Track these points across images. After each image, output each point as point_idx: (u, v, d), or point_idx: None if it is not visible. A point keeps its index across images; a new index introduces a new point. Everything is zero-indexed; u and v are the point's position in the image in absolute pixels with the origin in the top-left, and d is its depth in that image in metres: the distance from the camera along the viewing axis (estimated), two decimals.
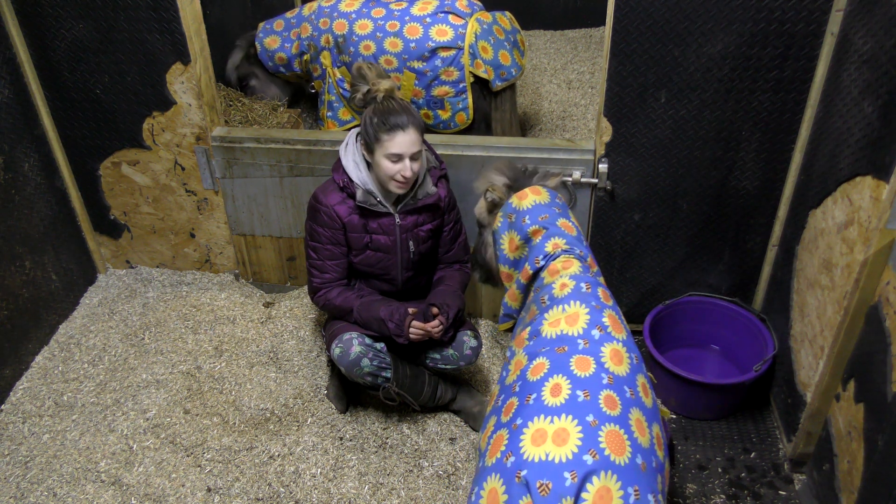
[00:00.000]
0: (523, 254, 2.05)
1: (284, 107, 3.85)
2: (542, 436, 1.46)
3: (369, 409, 2.70)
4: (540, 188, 2.12)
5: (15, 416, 2.67)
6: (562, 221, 2.04)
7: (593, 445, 1.44)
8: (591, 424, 1.48)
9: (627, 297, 2.94)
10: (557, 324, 1.74)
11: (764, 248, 2.70)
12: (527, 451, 1.45)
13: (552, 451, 1.43)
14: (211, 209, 3.10)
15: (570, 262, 1.92)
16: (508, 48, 3.33)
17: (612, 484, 1.41)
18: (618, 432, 1.49)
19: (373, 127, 2.24)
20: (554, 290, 1.85)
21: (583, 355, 1.64)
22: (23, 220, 2.85)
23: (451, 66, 3.24)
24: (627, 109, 2.47)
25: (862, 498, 1.92)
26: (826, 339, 2.17)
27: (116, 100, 2.85)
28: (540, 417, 1.50)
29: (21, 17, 2.70)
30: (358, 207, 2.39)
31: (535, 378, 1.61)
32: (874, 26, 1.95)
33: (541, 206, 2.07)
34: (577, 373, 1.59)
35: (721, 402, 2.63)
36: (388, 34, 3.27)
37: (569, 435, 1.46)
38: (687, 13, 2.25)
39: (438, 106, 3.33)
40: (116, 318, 3.09)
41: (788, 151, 2.47)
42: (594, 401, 1.54)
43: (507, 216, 2.12)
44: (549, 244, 1.97)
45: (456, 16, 3.26)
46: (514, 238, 2.07)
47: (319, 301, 2.53)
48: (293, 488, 2.38)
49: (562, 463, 1.41)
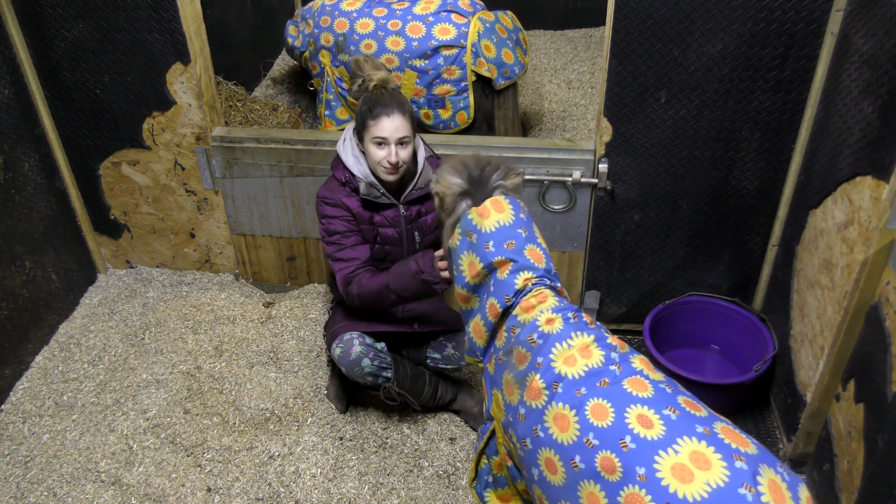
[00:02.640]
0: (486, 282, 1.88)
1: (284, 107, 3.86)
2: (683, 470, 1.35)
3: (369, 409, 2.70)
4: (502, 201, 1.88)
5: (15, 416, 2.67)
6: (529, 249, 1.85)
7: (731, 452, 1.37)
8: (707, 433, 1.40)
9: (627, 297, 2.94)
10: (573, 361, 1.62)
11: (764, 248, 2.70)
12: (686, 491, 1.33)
13: (709, 477, 1.33)
14: (211, 209, 3.10)
15: (544, 295, 1.79)
16: (511, 46, 3.33)
17: (772, 474, 1.37)
18: (727, 427, 1.45)
19: (361, 115, 2.27)
20: (541, 328, 1.72)
21: (630, 377, 1.55)
22: (23, 220, 2.85)
23: (453, 64, 3.24)
24: (627, 109, 2.47)
25: (862, 498, 1.92)
26: (826, 339, 2.17)
27: (116, 100, 2.85)
28: (661, 454, 1.38)
29: (21, 17, 2.70)
30: (362, 200, 2.39)
31: (607, 422, 1.47)
32: (874, 26, 1.95)
33: (505, 228, 1.85)
34: (643, 395, 1.50)
35: (721, 402, 2.63)
36: (389, 33, 3.28)
37: (703, 454, 1.36)
38: (687, 13, 2.25)
39: (439, 105, 3.33)
40: (116, 318, 3.09)
41: (788, 151, 2.47)
42: (684, 412, 1.45)
43: (466, 234, 1.90)
44: (519, 280, 1.80)
45: (459, 14, 3.27)
46: (474, 262, 1.87)
47: (353, 291, 2.39)
48: (293, 488, 2.38)
49: (728, 483, 1.32)
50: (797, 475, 1.43)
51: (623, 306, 2.97)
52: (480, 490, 2.08)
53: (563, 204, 2.76)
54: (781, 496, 1.34)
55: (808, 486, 2.33)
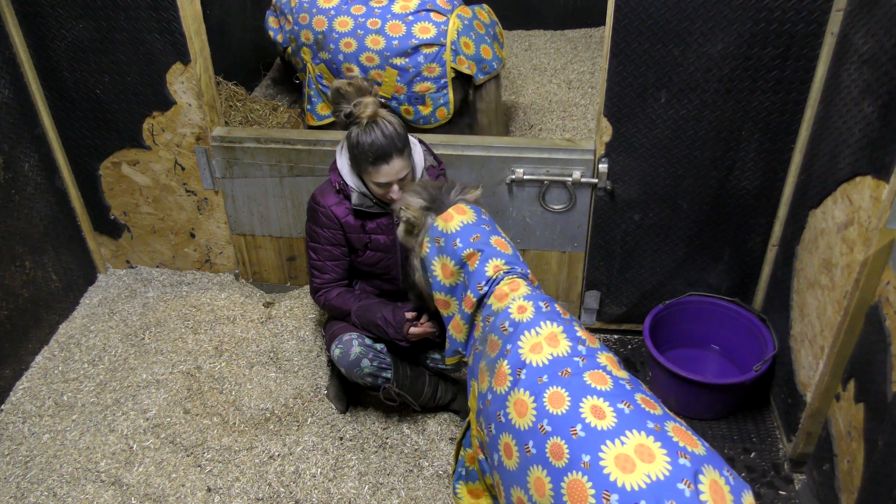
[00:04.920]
0: (460, 279, 1.95)
1: (284, 107, 3.86)
2: (626, 461, 1.38)
3: (369, 409, 2.70)
4: (463, 206, 2.01)
5: (15, 416, 2.67)
6: (495, 240, 1.94)
7: (677, 449, 1.39)
8: (657, 430, 1.42)
9: (627, 297, 2.94)
10: (539, 348, 1.66)
11: (764, 248, 2.70)
12: (626, 480, 1.35)
13: (650, 469, 1.36)
14: (211, 209, 3.10)
15: (517, 283, 1.84)
16: (489, 42, 3.37)
17: (716, 476, 1.38)
18: (678, 427, 1.47)
19: (360, 153, 2.23)
20: (512, 315, 1.75)
21: (592, 370, 1.58)
22: (23, 220, 2.85)
23: (433, 62, 3.26)
24: (627, 109, 2.47)
25: (862, 498, 1.92)
26: (826, 339, 2.17)
27: (116, 100, 2.85)
28: (608, 444, 1.41)
29: (21, 17, 2.70)
30: (355, 210, 2.39)
31: (562, 409, 1.51)
32: (874, 26, 1.95)
33: (469, 226, 1.95)
34: (601, 388, 1.52)
35: (721, 402, 2.63)
36: (369, 31, 3.28)
37: (648, 447, 1.39)
38: (687, 13, 2.25)
39: (420, 101, 3.35)
40: (116, 318, 3.09)
41: (788, 151, 2.47)
42: (638, 408, 1.48)
43: (434, 241, 2.00)
44: (489, 267, 1.87)
45: (438, 13, 3.29)
46: (447, 263, 1.95)
47: (320, 301, 2.54)
48: (293, 488, 2.38)
49: (668, 477, 1.34)
50: (744, 482, 1.44)
51: (623, 306, 2.97)
52: (454, 481, 2.10)
53: (563, 204, 2.76)
54: (722, 498, 1.36)
55: (807, 487, 2.33)
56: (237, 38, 4.33)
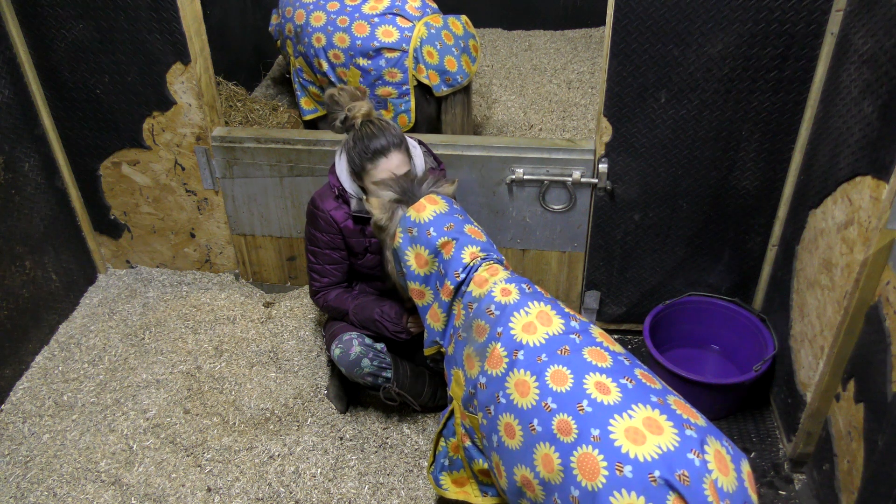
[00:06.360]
0: (434, 268, 1.96)
1: (284, 107, 3.86)
2: (636, 433, 1.42)
3: (369, 409, 2.71)
4: (435, 196, 2.02)
5: (15, 416, 2.67)
6: (469, 228, 1.95)
7: (682, 421, 1.44)
8: (660, 403, 1.47)
9: (627, 297, 2.94)
10: (533, 328, 1.68)
11: (764, 247, 2.70)
12: (638, 452, 1.39)
13: (661, 441, 1.40)
14: (211, 209, 3.10)
15: (495, 268, 1.85)
16: (456, 54, 3.25)
17: (718, 446, 1.43)
18: (678, 400, 1.52)
19: (357, 155, 2.24)
20: (497, 299, 1.77)
21: (590, 347, 1.62)
22: (23, 220, 2.85)
23: (394, 67, 3.20)
24: (627, 109, 2.47)
25: (862, 498, 1.92)
26: (826, 339, 2.17)
27: (116, 100, 2.85)
28: (616, 418, 1.45)
29: (21, 17, 2.70)
30: (354, 216, 2.40)
31: (566, 387, 1.54)
32: (874, 26, 1.95)
33: (442, 215, 1.97)
34: (602, 365, 1.56)
35: (721, 402, 2.63)
36: (337, 29, 3.27)
37: (656, 420, 1.43)
38: (687, 13, 2.25)
39: (382, 106, 3.31)
40: (116, 318, 3.09)
41: (788, 151, 2.47)
42: (640, 383, 1.52)
43: (406, 231, 2.01)
44: (466, 254, 1.88)
45: (404, 18, 3.22)
46: (420, 253, 1.96)
47: (319, 303, 2.55)
48: (293, 488, 2.38)
49: (678, 448, 1.39)
50: (742, 452, 1.50)
51: (623, 306, 2.97)
52: (436, 474, 2.11)
53: (563, 204, 2.76)
54: (726, 466, 1.41)
55: (807, 487, 2.33)
56: (237, 38, 4.33)
